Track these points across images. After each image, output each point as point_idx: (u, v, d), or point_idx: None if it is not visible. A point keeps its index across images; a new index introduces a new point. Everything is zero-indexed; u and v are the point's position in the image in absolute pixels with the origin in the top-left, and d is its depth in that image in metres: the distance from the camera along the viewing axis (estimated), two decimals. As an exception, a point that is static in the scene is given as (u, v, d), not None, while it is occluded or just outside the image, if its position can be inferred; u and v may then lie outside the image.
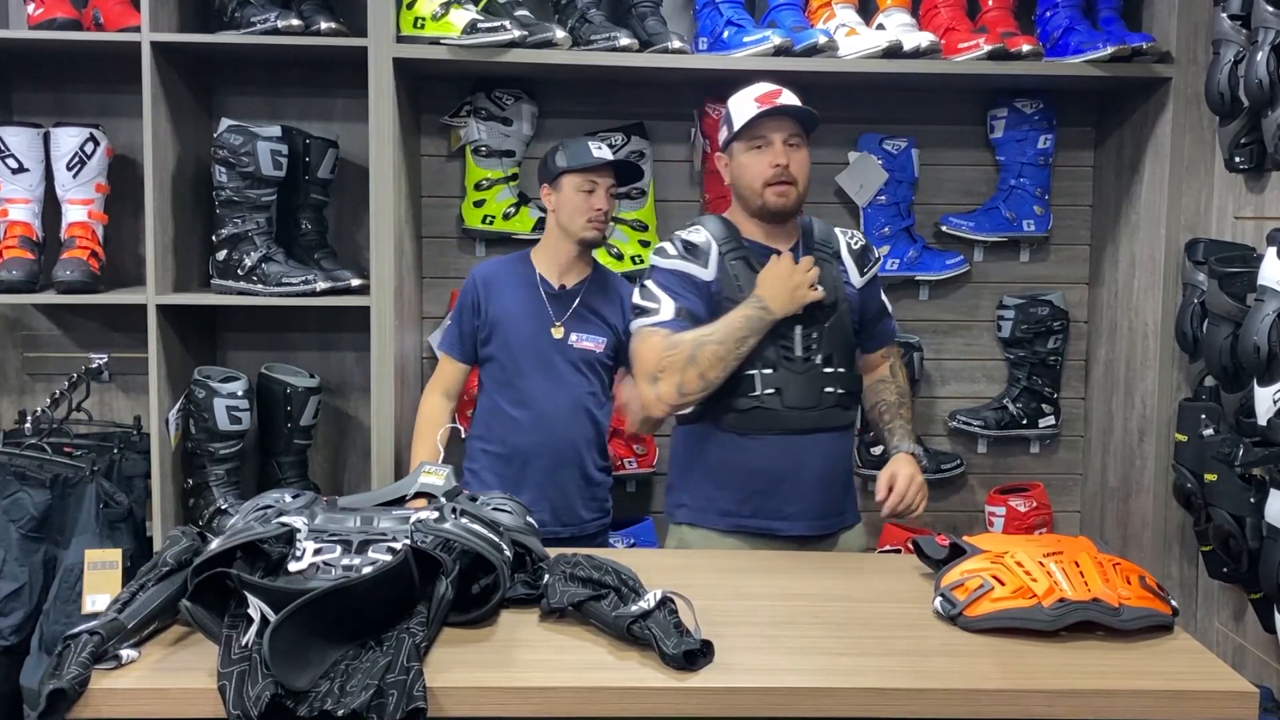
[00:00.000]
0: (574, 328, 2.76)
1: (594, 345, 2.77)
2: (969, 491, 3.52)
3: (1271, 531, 2.40)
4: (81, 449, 3.02)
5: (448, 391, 2.84)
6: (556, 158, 2.75)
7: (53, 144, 3.03)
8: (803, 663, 1.67)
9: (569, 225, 2.74)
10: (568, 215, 2.74)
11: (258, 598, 1.55)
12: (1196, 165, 2.97)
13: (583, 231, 2.73)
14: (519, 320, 2.75)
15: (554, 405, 2.73)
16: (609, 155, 2.75)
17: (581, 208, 2.72)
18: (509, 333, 2.75)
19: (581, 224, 2.73)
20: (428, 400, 2.86)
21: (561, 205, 2.75)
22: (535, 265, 2.81)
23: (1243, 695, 1.62)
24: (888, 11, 3.08)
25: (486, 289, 2.78)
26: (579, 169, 2.71)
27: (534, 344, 2.74)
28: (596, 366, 2.79)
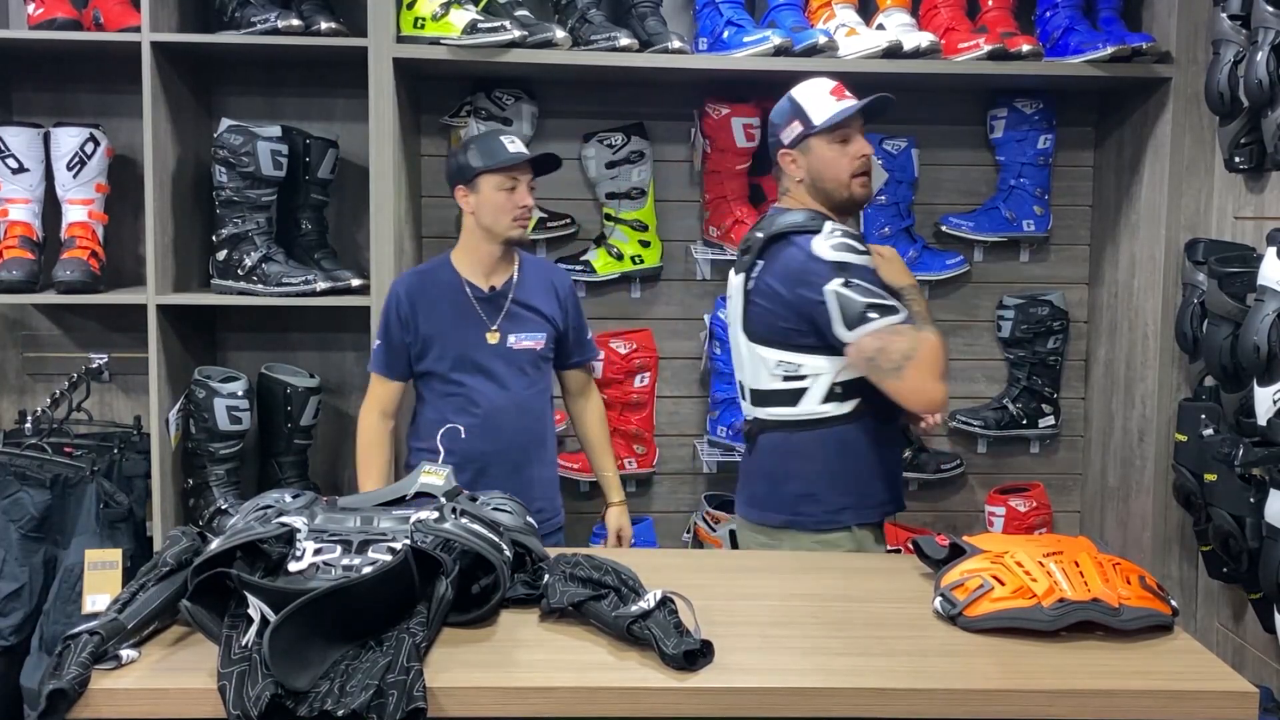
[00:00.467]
0: (510, 329, 2.66)
1: (534, 344, 2.68)
2: (969, 491, 3.52)
3: (1271, 531, 2.40)
4: (81, 449, 3.03)
5: (385, 411, 2.73)
6: (470, 157, 2.60)
7: (53, 144, 3.03)
8: (803, 663, 1.66)
9: (493, 226, 2.61)
10: (491, 216, 2.61)
11: (258, 598, 1.55)
12: (1196, 165, 2.97)
13: (508, 231, 2.62)
14: (453, 331, 2.65)
15: (502, 410, 2.64)
16: (523, 149, 2.63)
17: (505, 207, 2.60)
18: (445, 345, 2.65)
19: (507, 224, 2.61)
20: (365, 421, 2.74)
21: (482, 206, 2.61)
22: (459, 270, 2.68)
23: (1243, 695, 1.62)
24: (888, 11, 3.08)
25: (412, 304, 2.65)
26: (498, 168, 2.59)
27: (472, 353, 2.64)
28: (539, 363, 2.70)
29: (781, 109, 2.45)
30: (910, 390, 2.24)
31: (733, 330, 2.49)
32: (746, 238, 2.49)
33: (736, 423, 3.27)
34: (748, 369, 2.45)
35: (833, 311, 2.25)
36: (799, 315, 2.31)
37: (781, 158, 2.44)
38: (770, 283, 2.35)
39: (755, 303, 2.39)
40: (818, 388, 2.35)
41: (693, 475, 3.48)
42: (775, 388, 2.38)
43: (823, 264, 2.27)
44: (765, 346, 2.38)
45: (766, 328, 2.37)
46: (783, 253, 2.35)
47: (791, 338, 2.34)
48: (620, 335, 3.30)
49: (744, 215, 3.22)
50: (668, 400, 3.44)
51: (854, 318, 2.23)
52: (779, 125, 2.44)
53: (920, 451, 3.40)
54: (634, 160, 3.25)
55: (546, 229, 3.28)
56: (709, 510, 3.30)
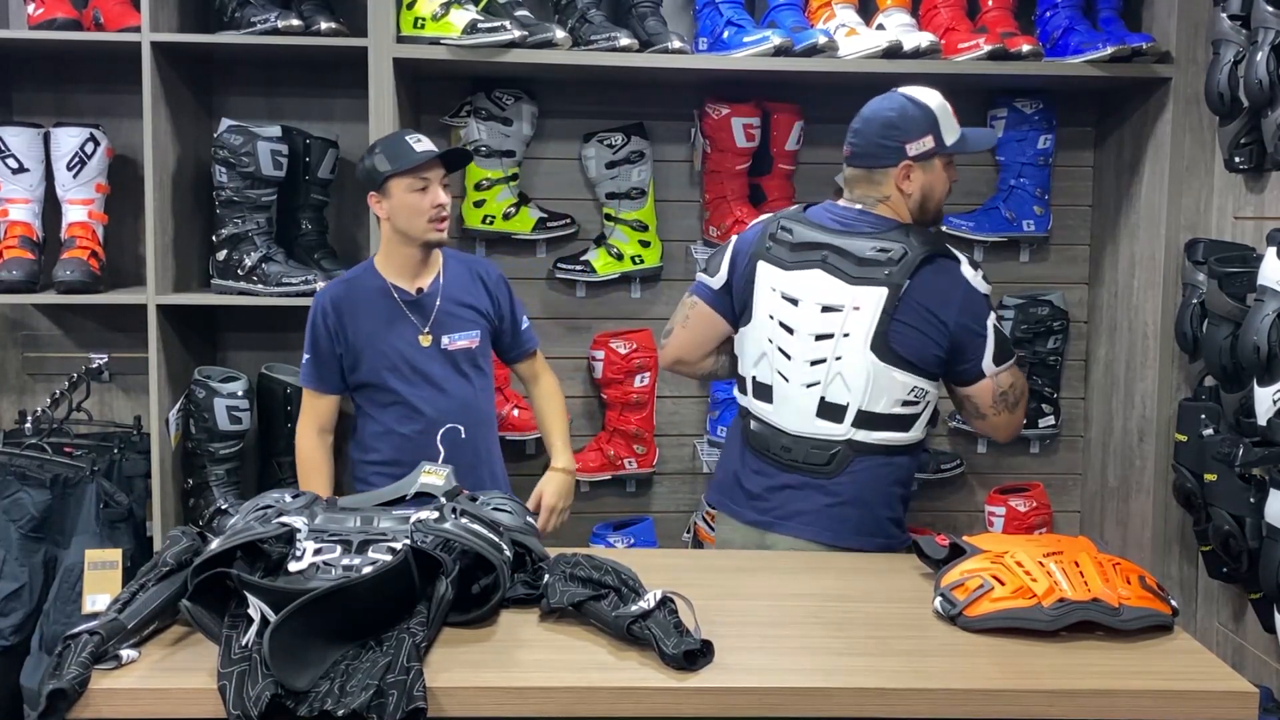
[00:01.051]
0: (442, 330, 2.61)
1: (469, 342, 2.64)
2: (969, 491, 3.52)
3: (1271, 531, 2.40)
4: (81, 449, 3.03)
5: (322, 426, 2.68)
6: (377, 162, 2.54)
7: (53, 144, 3.03)
8: (802, 663, 1.67)
9: (409, 230, 2.55)
10: (405, 220, 2.55)
11: (258, 598, 1.55)
12: (1196, 165, 2.97)
13: (425, 234, 2.56)
14: (384, 339, 2.59)
15: (445, 414, 2.60)
16: (431, 147, 2.56)
17: (418, 208, 2.53)
18: (377, 355, 2.60)
19: (423, 226, 2.55)
20: (301, 440, 2.70)
21: (396, 211, 2.55)
22: (384, 275, 2.63)
23: (1243, 695, 1.62)
24: (888, 11, 3.08)
25: (339, 315, 2.60)
26: (406, 170, 2.52)
27: (406, 359, 2.60)
28: (477, 360, 2.66)
29: (913, 117, 2.31)
30: (1015, 423, 2.41)
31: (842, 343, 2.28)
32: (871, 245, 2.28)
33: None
34: (865, 389, 2.28)
35: (989, 345, 2.30)
36: (954, 344, 2.28)
37: (902, 169, 2.31)
38: (928, 306, 2.26)
39: (903, 324, 2.26)
40: (926, 414, 2.35)
41: (693, 475, 3.48)
42: (894, 412, 2.29)
43: (981, 296, 2.32)
44: (903, 370, 2.27)
45: (912, 352, 2.27)
46: (939, 278, 2.28)
47: (934, 365, 2.30)
48: (620, 335, 3.30)
49: (744, 215, 3.21)
50: (668, 400, 3.44)
51: (1005, 353, 2.34)
52: (908, 134, 2.30)
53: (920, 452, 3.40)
54: (634, 160, 3.25)
55: (546, 229, 3.28)
56: (709, 510, 3.29)
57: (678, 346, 2.56)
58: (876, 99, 2.38)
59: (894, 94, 2.37)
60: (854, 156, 2.37)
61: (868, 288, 2.27)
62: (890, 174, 2.32)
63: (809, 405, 2.32)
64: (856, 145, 2.37)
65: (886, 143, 2.32)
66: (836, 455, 2.32)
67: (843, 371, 2.28)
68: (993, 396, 2.34)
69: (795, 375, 2.33)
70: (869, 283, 2.27)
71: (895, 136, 2.31)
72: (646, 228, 3.30)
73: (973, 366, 2.31)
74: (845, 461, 2.32)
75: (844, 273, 2.29)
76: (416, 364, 2.61)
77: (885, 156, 2.32)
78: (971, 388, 2.34)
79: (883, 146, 2.32)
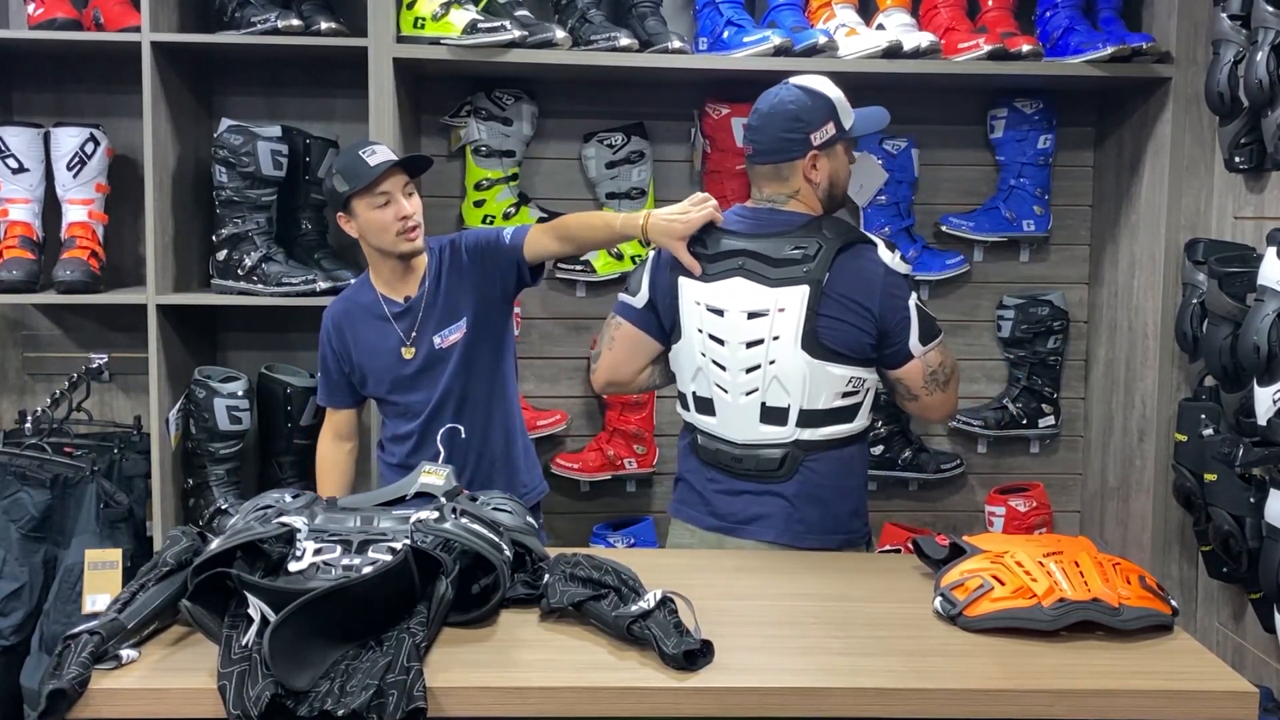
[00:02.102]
0: (432, 331, 2.57)
1: (458, 335, 2.57)
2: (969, 491, 3.52)
3: (1271, 531, 2.40)
4: (81, 449, 3.03)
5: (339, 434, 2.71)
6: (336, 183, 2.50)
7: (53, 144, 3.03)
8: (803, 663, 1.66)
9: (382, 245, 2.52)
10: (376, 236, 2.51)
11: (258, 598, 1.55)
12: (1196, 165, 2.97)
13: (397, 247, 2.51)
14: (378, 358, 2.59)
15: (452, 412, 2.57)
16: (388, 156, 2.50)
17: (385, 224, 2.48)
18: (374, 373, 2.60)
19: (393, 239, 2.50)
20: (320, 446, 2.74)
21: (366, 229, 2.51)
22: (375, 286, 2.62)
23: (1243, 695, 1.62)
24: (888, 11, 3.08)
25: (340, 332, 2.62)
26: (363, 189, 2.47)
27: (396, 374, 2.59)
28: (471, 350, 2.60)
29: (812, 106, 2.30)
30: (948, 401, 2.38)
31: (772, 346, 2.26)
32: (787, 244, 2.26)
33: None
34: (802, 389, 2.25)
35: (914, 325, 2.28)
36: (880, 329, 2.26)
37: (809, 159, 2.30)
38: (850, 296, 2.24)
39: (828, 317, 2.24)
40: (868, 400, 2.33)
41: (693, 475, 3.47)
42: (834, 405, 2.28)
43: (901, 278, 2.30)
44: (837, 363, 2.25)
45: (842, 343, 2.25)
46: (857, 265, 2.26)
47: (866, 352, 2.28)
48: (620, 335, 3.29)
49: (744, 215, 3.21)
50: (668, 400, 3.43)
51: (931, 332, 2.30)
52: (810, 123, 2.29)
53: (920, 452, 3.40)
54: (634, 160, 3.25)
55: (546, 229, 3.28)
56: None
57: (607, 369, 2.51)
58: (769, 93, 2.34)
59: (787, 86, 2.33)
60: (758, 154, 2.33)
61: (789, 288, 2.24)
62: (798, 166, 2.30)
63: (751, 413, 2.30)
64: (759, 142, 2.32)
65: (791, 135, 2.29)
66: (786, 458, 2.30)
67: (778, 375, 2.26)
68: (923, 376, 2.31)
69: (733, 385, 2.31)
70: (789, 282, 2.24)
71: (799, 129, 2.29)
72: (646, 228, 3.29)
73: (900, 349, 2.29)
74: (795, 463, 2.30)
75: (763, 276, 2.27)
76: (405, 376, 2.59)
77: (791, 149, 2.29)
78: (901, 370, 2.31)
79: (787, 140, 2.29)
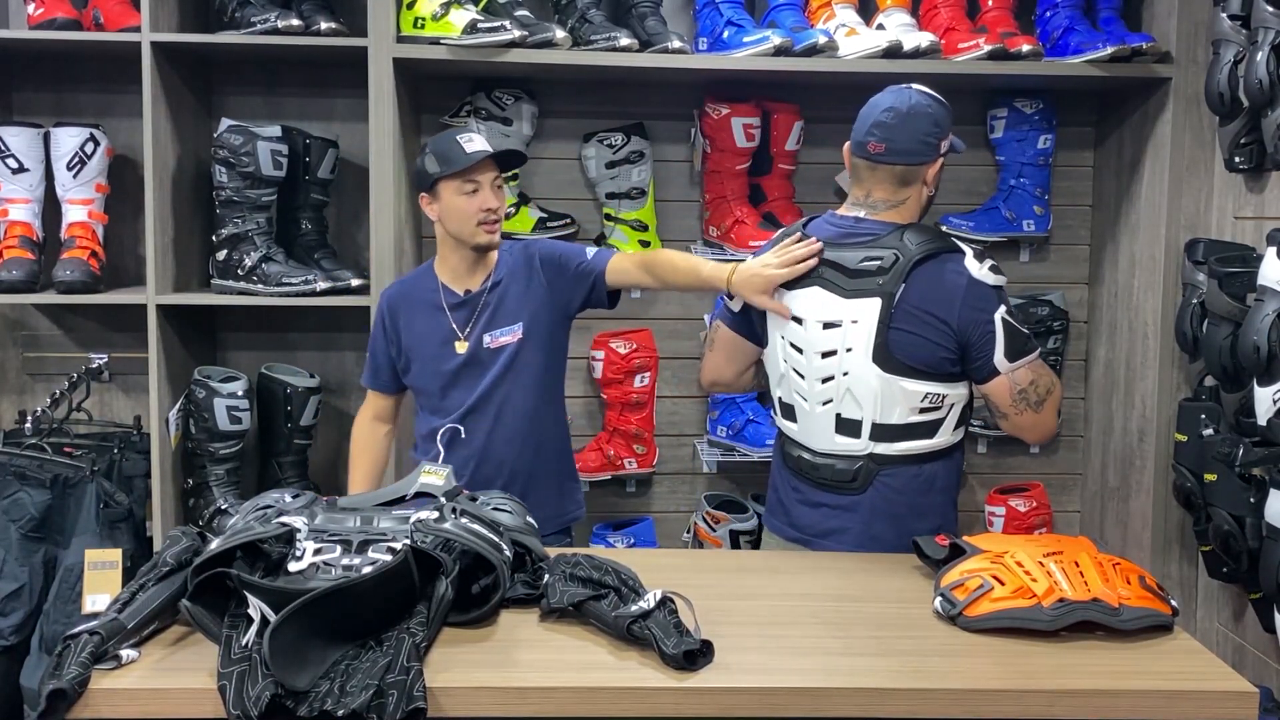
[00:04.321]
0: (485, 329, 2.54)
1: (510, 338, 2.54)
2: (969, 491, 3.52)
3: (1271, 531, 2.40)
4: (81, 449, 3.03)
5: (377, 416, 2.70)
6: (427, 163, 2.50)
7: (53, 144, 3.03)
8: (803, 663, 1.66)
9: (459, 233, 2.51)
10: (456, 223, 2.50)
11: (258, 598, 1.55)
12: (1196, 165, 2.97)
13: (475, 237, 2.50)
14: (428, 344, 2.57)
15: (489, 416, 2.53)
16: (484, 146, 2.49)
17: (468, 211, 2.47)
18: (424, 359, 2.57)
19: (472, 229, 2.49)
20: (357, 425, 2.72)
21: (447, 214, 2.50)
22: (439, 276, 2.59)
23: (1243, 695, 1.62)
24: (888, 11, 3.08)
25: (394, 316, 2.60)
26: (456, 172, 2.47)
27: (442, 365, 2.55)
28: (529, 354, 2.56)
29: (945, 114, 2.29)
30: (1043, 423, 2.29)
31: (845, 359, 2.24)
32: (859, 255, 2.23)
33: (736, 422, 3.27)
34: (876, 403, 2.24)
35: (999, 339, 2.19)
36: (960, 342, 2.21)
37: (932, 167, 2.29)
38: (926, 309, 2.20)
39: (902, 330, 2.20)
40: (952, 417, 2.27)
41: (692, 475, 3.48)
42: (911, 421, 2.24)
43: (988, 289, 2.21)
44: (912, 378, 2.22)
45: (916, 358, 2.21)
46: (938, 277, 2.21)
47: (945, 367, 2.23)
48: (620, 335, 3.30)
49: (744, 215, 3.22)
50: (668, 400, 3.44)
51: (1017, 349, 2.21)
52: (943, 131, 2.28)
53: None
54: (634, 160, 3.25)
55: (546, 229, 3.28)
56: (709, 510, 3.30)
57: (710, 369, 2.55)
58: (897, 95, 2.29)
59: (913, 91, 2.30)
60: (891, 153, 2.26)
61: (863, 299, 2.23)
62: (924, 171, 2.28)
63: (828, 423, 2.29)
64: (895, 141, 2.25)
65: (929, 139, 2.27)
66: (860, 470, 2.28)
67: (851, 387, 2.25)
68: (1010, 395, 2.23)
69: (811, 394, 2.31)
70: (863, 294, 2.23)
71: (935, 134, 2.27)
72: (646, 228, 3.30)
73: (984, 364, 2.21)
74: (869, 476, 2.28)
75: (839, 286, 2.26)
76: (450, 370, 2.55)
77: (925, 153, 2.27)
78: (987, 386, 2.24)
79: (925, 143, 2.27)
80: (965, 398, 2.29)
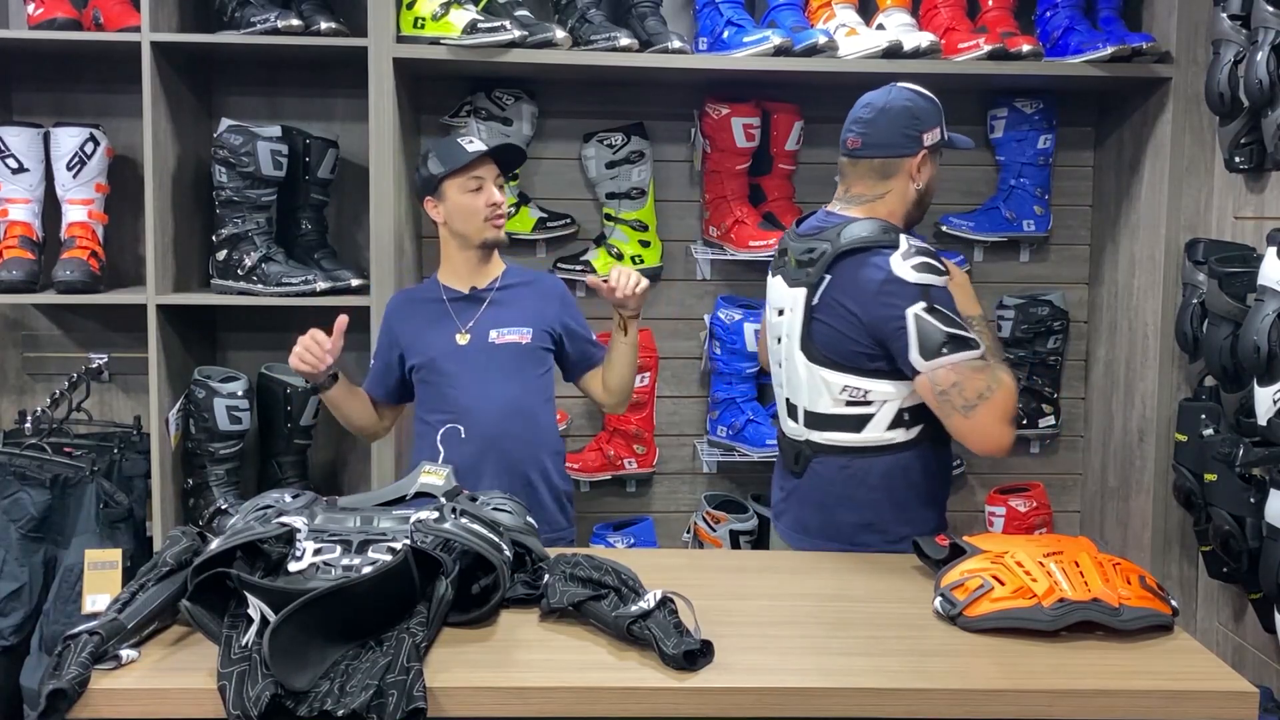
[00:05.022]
0: (491, 324, 2.54)
1: (519, 337, 2.55)
2: (969, 491, 3.52)
3: (1271, 531, 2.40)
4: (81, 449, 3.03)
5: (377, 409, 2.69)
6: (430, 165, 2.53)
7: (53, 144, 3.03)
8: (803, 663, 1.66)
9: (466, 231, 2.53)
10: (463, 221, 2.53)
11: (258, 598, 1.55)
12: (1196, 165, 2.97)
13: (483, 233, 2.53)
14: (427, 335, 2.57)
15: (487, 412, 2.51)
16: (483, 145, 2.54)
17: (474, 208, 2.51)
18: (423, 350, 2.56)
19: (479, 225, 2.52)
20: None
21: (452, 213, 2.53)
22: (441, 281, 2.62)
23: (1243, 695, 1.62)
24: (888, 11, 3.08)
25: (396, 317, 2.63)
26: (459, 170, 2.51)
27: (450, 354, 2.54)
28: (529, 359, 2.56)
29: (926, 107, 2.30)
30: (977, 431, 2.13)
31: (786, 346, 2.32)
32: (804, 247, 2.27)
33: (736, 422, 3.27)
34: (805, 390, 2.28)
35: (911, 337, 2.11)
36: (873, 339, 2.17)
37: (920, 158, 2.28)
38: (842, 301, 2.19)
39: (821, 322, 2.23)
40: (884, 414, 2.23)
41: (692, 475, 3.48)
42: (837, 412, 2.25)
43: (905, 285, 2.13)
44: (830, 369, 2.23)
45: (833, 350, 2.22)
46: (858, 270, 2.18)
47: (862, 362, 2.20)
48: (620, 335, 3.29)
49: (744, 215, 3.21)
50: (668, 400, 3.44)
51: (932, 348, 2.11)
52: (926, 123, 2.28)
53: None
54: (634, 160, 3.25)
55: (546, 229, 3.28)
56: (709, 510, 3.30)
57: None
58: (877, 92, 2.33)
59: (896, 87, 2.33)
60: (867, 147, 2.28)
61: (798, 289, 2.27)
62: (904, 164, 2.28)
63: (782, 405, 2.41)
64: (871, 135, 2.27)
65: (908, 131, 2.26)
66: (799, 455, 2.34)
67: (788, 373, 2.33)
68: (933, 396, 2.14)
69: (774, 377, 2.45)
70: (798, 284, 2.27)
71: (915, 126, 2.27)
72: (646, 228, 3.30)
73: (903, 362, 2.14)
74: (806, 462, 2.33)
75: (787, 276, 2.32)
76: (461, 359, 2.53)
77: (905, 146, 2.26)
78: (914, 384, 2.17)
79: (905, 135, 2.27)
80: (902, 396, 2.22)
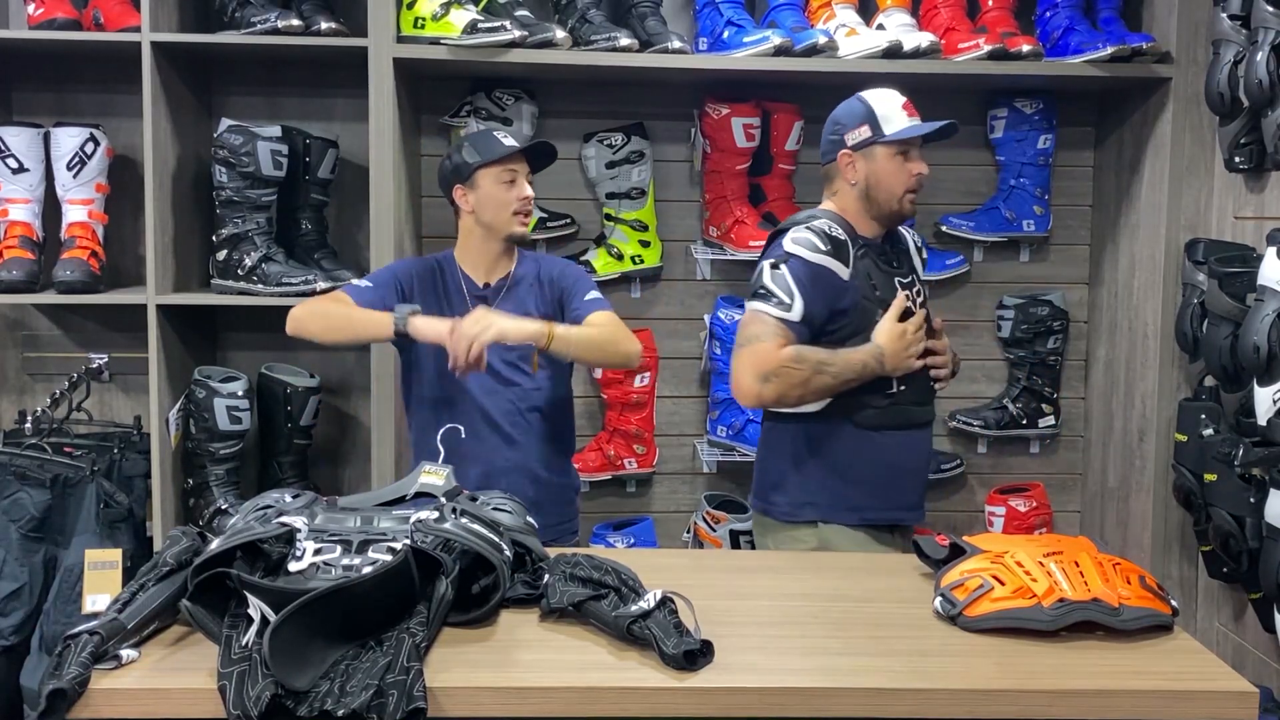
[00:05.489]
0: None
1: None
2: (969, 491, 3.52)
3: (1271, 531, 2.40)
4: (81, 449, 3.03)
5: None
6: (465, 154, 2.54)
7: (53, 144, 3.03)
8: (803, 663, 1.66)
9: (495, 222, 2.54)
10: (492, 212, 2.53)
11: (258, 598, 1.55)
12: (1196, 165, 2.98)
13: (510, 226, 2.54)
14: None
15: (491, 413, 2.52)
16: (516, 143, 2.58)
17: (505, 200, 2.52)
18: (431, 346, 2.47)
19: (507, 218, 2.53)
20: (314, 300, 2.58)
21: (483, 203, 2.53)
22: (460, 265, 2.60)
23: (1243, 695, 1.61)
24: (888, 11, 3.08)
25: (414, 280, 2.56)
26: (495, 161, 2.52)
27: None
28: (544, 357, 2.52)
29: (852, 110, 2.45)
30: (733, 370, 2.40)
31: None
32: None
33: (736, 422, 3.27)
34: None
35: (752, 284, 2.40)
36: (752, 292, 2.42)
37: (841, 158, 2.45)
38: None
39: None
40: None
41: (692, 475, 3.48)
42: None
43: (776, 247, 2.40)
44: None
45: None
46: (769, 245, 2.48)
47: None
48: (620, 335, 3.29)
49: (744, 215, 3.22)
50: (668, 400, 3.44)
51: (750, 291, 2.40)
52: (845, 125, 2.44)
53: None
54: (634, 160, 3.26)
55: (546, 229, 3.28)
56: (709, 510, 3.30)
57: None
58: None
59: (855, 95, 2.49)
60: (821, 155, 2.52)
61: None
62: (836, 167, 2.46)
63: None
64: (820, 144, 2.53)
65: (830, 136, 2.48)
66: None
67: None
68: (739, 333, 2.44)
69: None
70: None
71: (838, 131, 2.46)
72: (647, 228, 3.30)
73: None
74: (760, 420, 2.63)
75: None
76: None
77: (830, 150, 2.47)
78: None
79: (829, 141, 2.48)
80: None
